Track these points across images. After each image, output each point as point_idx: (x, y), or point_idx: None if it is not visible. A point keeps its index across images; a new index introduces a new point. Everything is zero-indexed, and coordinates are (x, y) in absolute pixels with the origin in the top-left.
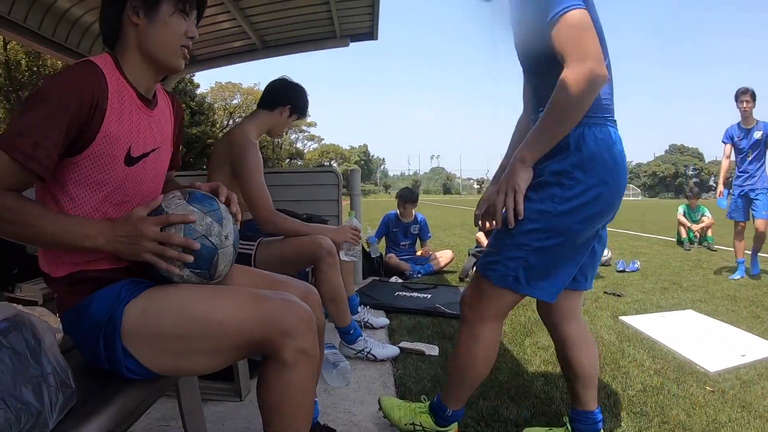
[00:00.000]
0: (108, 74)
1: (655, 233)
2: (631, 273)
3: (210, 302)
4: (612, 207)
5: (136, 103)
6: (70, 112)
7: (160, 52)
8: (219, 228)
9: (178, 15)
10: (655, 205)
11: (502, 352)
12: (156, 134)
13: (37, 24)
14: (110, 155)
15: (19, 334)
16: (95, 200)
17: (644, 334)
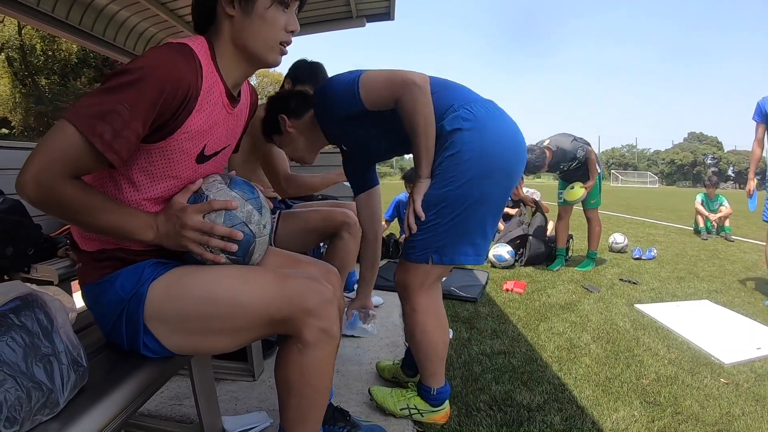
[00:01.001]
0: (204, 64)
1: (673, 221)
2: (648, 261)
3: (233, 282)
4: (494, 172)
5: (223, 100)
6: (161, 103)
7: (256, 48)
8: (258, 216)
9: (276, 7)
10: (673, 193)
11: (516, 337)
12: (230, 133)
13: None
14: (185, 151)
15: (30, 312)
16: (157, 190)
17: (659, 323)
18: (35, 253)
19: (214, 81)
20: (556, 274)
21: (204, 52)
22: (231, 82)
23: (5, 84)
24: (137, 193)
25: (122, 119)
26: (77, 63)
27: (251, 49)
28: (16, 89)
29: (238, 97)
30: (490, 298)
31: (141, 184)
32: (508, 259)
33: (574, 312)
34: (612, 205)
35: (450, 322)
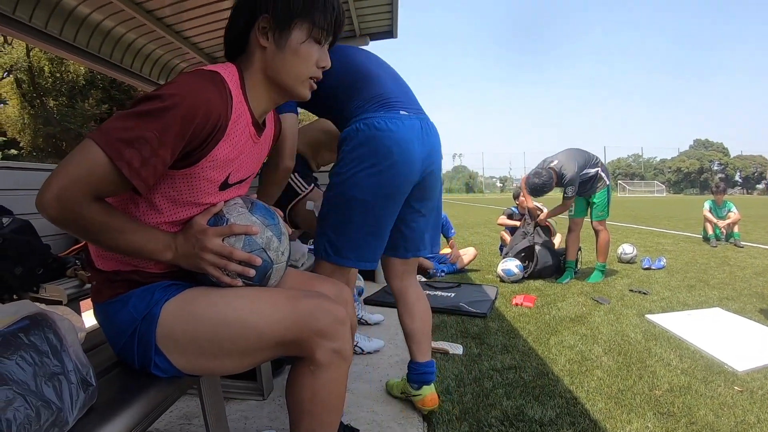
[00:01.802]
0: (234, 94)
1: (681, 230)
2: (657, 270)
3: (245, 304)
4: (389, 183)
5: (249, 129)
6: (190, 132)
7: (287, 81)
8: (277, 243)
9: (310, 42)
10: (680, 201)
11: (526, 351)
12: (255, 161)
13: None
14: (209, 179)
15: (40, 331)
16: (178, 215)
17: (671, 333)
18: (44, 272)
19: (243, 111)
20: (566, 286)
21: (234, 81)
22: (258, 112)
23: (14, 105)
24: (158, 216)
25: (151, 147)
26: (85, 84)
27: (282, 82)
28: (24, 110)
29: (264, 126)
30: (500, 313)
31: (163, 208)
32: (516, 273)
33: (585, 324)
34: (620, 215)
35: (460, 338)
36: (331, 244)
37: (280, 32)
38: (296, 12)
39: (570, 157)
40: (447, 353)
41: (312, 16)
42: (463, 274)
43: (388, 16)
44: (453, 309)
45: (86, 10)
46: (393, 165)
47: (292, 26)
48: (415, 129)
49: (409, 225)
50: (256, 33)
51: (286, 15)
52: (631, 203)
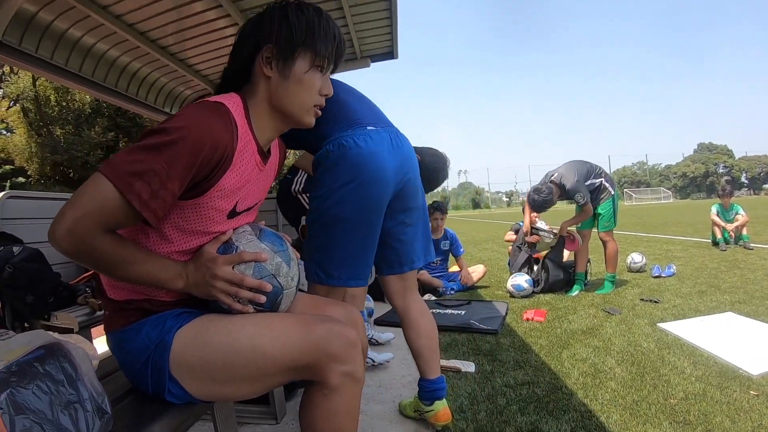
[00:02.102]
0: (239, 124)
1: (690, 235)
2: (667, 278)
3: (256, 330)
4: (366, 197)
5: (255, 158)
6: (198, 164)
7: (292, 110)
8: (287, 269)
9: (313, 71)
10: (688, 206)
11: (539, 366)
12: (262, 188)
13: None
14: (217, 208)
15: (55, 360)
16: (188, 244)
17: (684, 340)
18: (55, 300)
19: (248, 140)
20: (576, 299)
21: (239, 111)
22: (263, 140)
23: (21, 134)
24: (168, 246)
25: (160, 179)
26: (91, 113)
27: (287, 111)
28: (31, 139)
29: (269, 154)
30: (511, 329)
31: (173, 238)
32: (526, 288)
33: (597, 336)
34: (627, 224)
35: (471, 356)
36: (320, 266)
37: (284, 62)
38: (299, 41)
39: (570, 169)
40: (459, 371)
41: (315, 45)
42: (473, 291)
43: (388, 37)
44: (464, 327)
45: (91, 41)
46: (366, 179)
47: (295, 56)
48: (384, 141)
49: (398, 238)
50: (260, 63)
51: (290, 45)
52: (639, 211)
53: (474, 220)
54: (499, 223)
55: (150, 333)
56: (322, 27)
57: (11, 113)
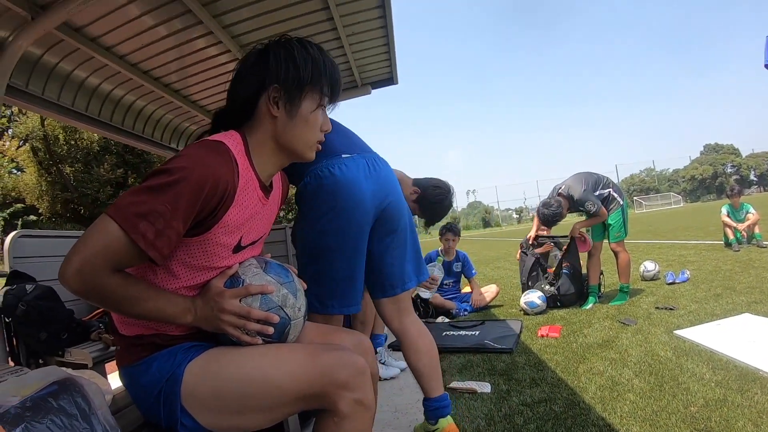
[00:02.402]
0: (240, 161)
1: (702, 238)
2: (682, 284)
3: (265, 361)
4: (346, 224)
5: (257, 193)
6: (200, 202)
7: (298, 147)
8: (294, 300)
9: (318, 110)
10: (698, 209)
11: (555, 383)
12: (266, 222)
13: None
14: (222, 244)
15: (68, 395)
16: (194, 279)
17: (702, 346)
18: (68, 337)
19: (250, 177)
20: (591, 312)
21: (239, 148)
22: (265, 176)
23: (31, 173)
24: (176, 282)
25: (164, 219)
26: (99, 151)
27: (293, 148)
28: (42, 177)
29: (271, 188)
30: (526, 347)
31: (180, 274)
32: (540, 304)
33: (613, 348)
34: (639, 233)
35: (487, 376)
36: (315, 296)
37: (291, 102)
38: (307, 81)
39: (577, 179)
40: (475, 392)
41: (321, 85)
42: (487, 310)
43: (387, 63)
44: (478, 347)
45: (96, 81)
46: (343, 206)
47: (303, 96)
48: (360, 167)
49: (387, 261)
50: (266, 103)
51: (298, 85)
52: (649, 218)
53: (485, 239)
54: (510, 240)
55: (161, 367)
56: (327, 66)
57: (21, 153)
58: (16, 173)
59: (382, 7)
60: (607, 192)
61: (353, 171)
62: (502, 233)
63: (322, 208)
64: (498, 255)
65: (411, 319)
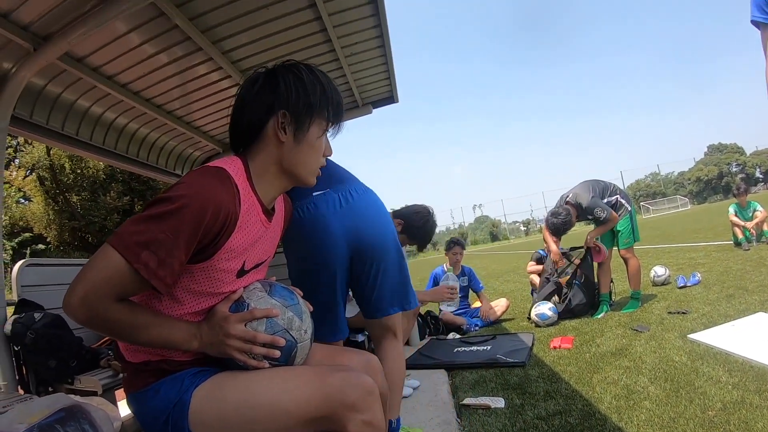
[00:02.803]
0: (241, 187)
1: (711, 239)
2: (693, 287)
3: (272, 384)
4: (320, 262)
5: (260, 217)
6: (202, 230)
7: (301, 173)
8: (299, 322)
9: (323, 136)
10: (706, 210)
11: (570, 394)
12: (269, 245)
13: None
14: (226, 269)
15: (75, 422)
16: (200, 305)
17: (716, 348)
18: (78, 364)
19: (252, 202)
20: (603, 321)
21: (240, 174)
22: (267, 200)
23: (38, 202)
24: (180, 308)
25: (166, 248)
26: (105, 179)
27: (296, 173)
28: (49, 206)
29: (273, 211)
30: (539, 359)
31: (184, 300)
32: (551, 316)
33: (627, 356)
34: (647, 238)
35: (500, 391)
36: None
37: (299, 128)
38: (316, 108)
39: (584, 187)
40: (489, 408)
41: (328, 111)
42: (497, 325)
43: (387, 82)
44: (490, 362)
45: (99, 110)
46: (314, 246)
47: (312, 122)
48: (330, 204)
49: (372, 287)
50: (274, 128)
51: (308, 111)
52: (657, 223)
53: (494, 253)
54: (519, 253)
55: (168, 393)
56: (333, 93)
57: (28, 182)
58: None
59: (379, 26)
60: (614, 199)
61: (322, 210)
62: (511, 246)
63: (297, 251)
64: (507, 268)
65: (391, 344)
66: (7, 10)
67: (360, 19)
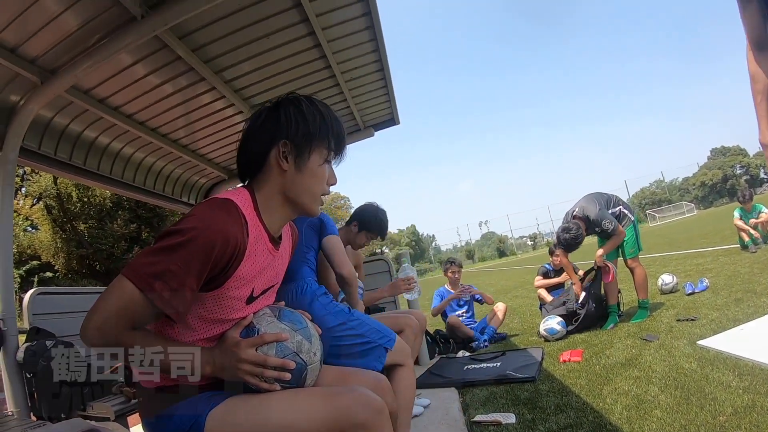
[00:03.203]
0: (248, 217)
1: (717, 244)
2: (701, 293)
3: (285, 406)
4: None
5: (267, 246)
6: (212, 260)
7: (304, 201)
8: (308, 345)
9: (324, 165)
10: (712, 214)
11: (580, 407)
12: (277, 272)
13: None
14: (236, 297)
15: None
16: (212, 332)
17: (726, 354)
18: (90, 391)
19: (259, 231)
20: (612, 332)
21: (247, 205)
22: (274, 228)
23: (46, 230)
24: (193, 335)
25: (178, 279)
26: (112, 207)
27: (299, 201)
28: (56, 235)
29: (280, 239)
30: (549, 374)
31: (196, 327)
32: (559, 330)
33: (637, 366)
34: (654, 245)
35: (511, 407)
36: None
37: (299, 157)
38: (315, 137)
39: (589, 200)
40: (500, 424)
41: (328, 140)
42: (506, 341)
43: (387, 105)
44: (500, 378)
45: (106, 140)
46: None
47: (312, 150)
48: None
49: (341, 366)
50: (276, 157)
51: (307, 140)
52: (664, 230)
53: (502, 269)
54: (527, 268)
55: (183, 417)
56: (333, 123)
57: (35, 211)
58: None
59: (377, 51)
60: (618, 210)
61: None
62: (518, 261)
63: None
64: (515, 284)
65: (401, 365)
66: (14, 45)
67: (358, 45)
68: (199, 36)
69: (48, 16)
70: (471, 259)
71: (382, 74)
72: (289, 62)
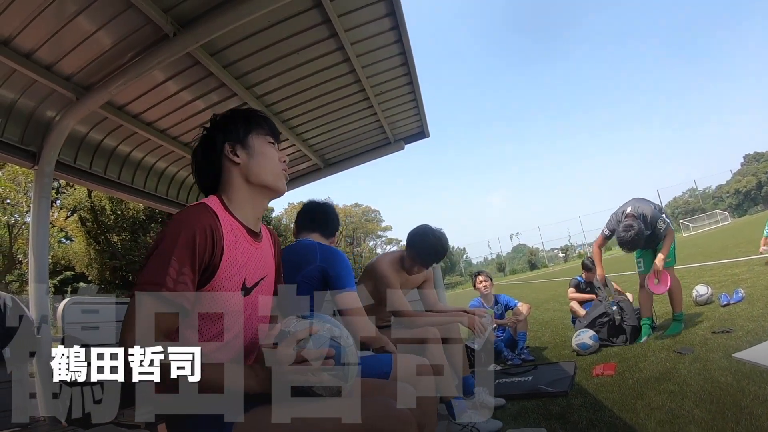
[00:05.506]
0: (220, 214)
1: (753, 253)
2: (737, 304)
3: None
4: None
5: (246, 238)
6: (197, 249)
7: (268, 179)
8: (339, 330)
9: (268, 144)
10: (747, 223)
11: (613, 422)
12: (263, 265)
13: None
14: (230, 287)
15: None
16: (216, 328)
17: (763, 366)
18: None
19: (234, 225)
20: (646, 345)
21: (217, 205)
22: (250, 222)
23: (80, 242)
24: (200, 336)
25: (175, 269)
26: (145, 220)
27: (264, 181)
28: (90, 246)
29: (260, 234)
30: (582, 388)
31: (202, 328)
32: (592, 344)
33: (671, 380)
34: (687, 256)
35: (542, 421)
36: None
37: (245, 146)
38: (248, 127)
39: (640, 201)
40: None
41: (258, 127)
42: (539, 353)
43: (417, 118)
44: (532, 392)
45: (140, 155)
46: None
47: (250, 138)
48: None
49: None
50: (228, 158)
51: (243, 132)
52: (698, 240)
53: (533, 282)
54: (559, 280)
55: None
56: (254, 116)
57: (70, 223)
58: (66, 242)
59: (406, 64)
60: (663, 216)
61: None
62: (550, 274)
63: None
64: (547, 297)
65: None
66: (50, 63)
67: (387, 58)
68: (229, 52)
69: (82, 34)
70: (502, 271)
71: (411, 88)
72: (319, 77)
